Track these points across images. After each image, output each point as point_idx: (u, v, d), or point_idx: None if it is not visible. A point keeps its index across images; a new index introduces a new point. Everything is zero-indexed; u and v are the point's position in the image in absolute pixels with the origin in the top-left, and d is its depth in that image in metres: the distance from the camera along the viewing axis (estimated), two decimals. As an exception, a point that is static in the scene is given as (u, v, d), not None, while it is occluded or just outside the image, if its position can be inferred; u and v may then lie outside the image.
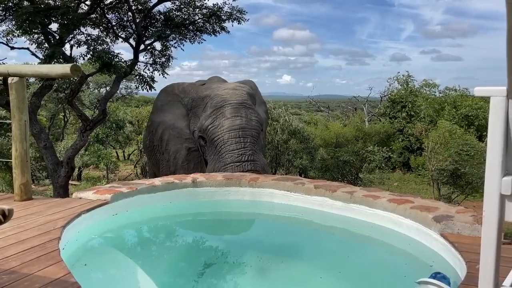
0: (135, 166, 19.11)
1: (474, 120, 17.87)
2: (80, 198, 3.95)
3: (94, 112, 19.53)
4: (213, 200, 4.52)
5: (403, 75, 22.41)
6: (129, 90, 20.93)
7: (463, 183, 10.88)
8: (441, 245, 2.81)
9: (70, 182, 11.70)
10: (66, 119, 21.70)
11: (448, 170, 10.53)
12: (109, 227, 3.75)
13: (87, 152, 17.00)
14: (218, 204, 4.50)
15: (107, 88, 21.72)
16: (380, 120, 22.67)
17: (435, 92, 21.56)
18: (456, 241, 2.69)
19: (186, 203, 4.41)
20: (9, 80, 3.75)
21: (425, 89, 21.75)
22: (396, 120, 20.67)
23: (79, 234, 3.38)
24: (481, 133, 17.30)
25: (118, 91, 15.89)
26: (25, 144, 3.85)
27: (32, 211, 3.57)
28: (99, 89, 21.58)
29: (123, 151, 24.30)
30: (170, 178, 4.60)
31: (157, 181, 4.46)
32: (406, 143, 19.38)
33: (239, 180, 4.62)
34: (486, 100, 19.49)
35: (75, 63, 3.70)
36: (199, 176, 4.72)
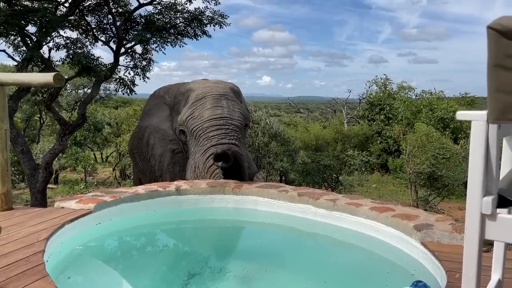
0: (113, 169, 18.84)
1: (449, 122, 18.38)
2: (62, 207, 3.90)
3: (72, 114, 19.19)
4: (197, 208, 4.52)
5: (381, 78, 22.86)
6: (107, 92, 20.63)
7: (439, 185, 11.18)
8: (422, 254, 2.90)
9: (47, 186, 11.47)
10: (42, 121, 21.25)
11: (425, 173, 10.80)
12: (92, 237, 3.72)
13: (64, 155, 16.69)
14: (202, 212, 4.51)
15: (85, 89, 21.39)
16: (358, 122, 23.05)
17: (411, 95, 22.10)
18: (436, 249, 2.78)
19: (170, 211, 4.41)
20: (-11, 88, 3.68)
21: (402, 92, 22.25)
22: (374, 123, 21.07)
23: (62, 245, 3.34)
24: (456, 136, 17.81)
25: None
26: (6, 153, 3.79)
27: (13, 221, 3.51)
28: (76, 90, 21.21)
29: (101, 153, 23.96)
30: (154, 186, 4.59)
31: (141, 189, 4.44)
32: (384, 145, 19.79)
33: (223, 187, 4.64)
34: (460, 103, 20.13)
35: (58, 72, 3.62)
36: (183, 184, 4.72)
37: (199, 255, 3.93)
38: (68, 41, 8.88)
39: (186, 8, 9.55)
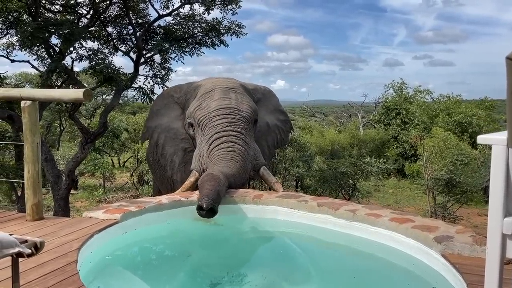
0: (131, 175, 19.10)
1: (467, 127, 18.13)
2: (90, 217, 4.05)
3: (91, 121, 19.58)
4: (217, 217, 4.64)
5: (397, 82, 22.71)
6: (125, 99, 20.98)
7: (458, 191, 11.07)
8: (443, 266, 2.95)
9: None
10: (62, 128, 21.70)
11: (443, 179, 10.71)
12: (120, 246, 3.85)
13: (84, 161, 17.02)
14: (222, 221, 4.62)
15: (103, 96, 21.79)
16: (374, 127, 22.93)
17: (428, 99, 21.88)
18: (457, 262, 2.83)
19: (192, 221, 4.53)
20: (22, 103, 3.86)
21: (419, 96, 22.07)
22: (390, 127, 20.93)
23: (92, 254, 3.48)
24: (475, 140, 17.57)
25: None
26: (37, 165, 3.95)
27: (45, 231, 3.67)
28: (95, 97, 21.63)
29: (118, 159, 24.31)
30: (177, 196, 4.73)
31: (164, 199, 4.58)
32: (401, 150, 19.63)
33: (243, 197, 4.75)
34: (479, 107, 19.86)
35: (87, 88, 3.78)
36: (205, 193, 4.83)
37: (220, 264, 4.02)
38: (90, 52, 9.14)
39: (204, 18, 9.74)
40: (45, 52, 9.40)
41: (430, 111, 19.73)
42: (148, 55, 10.01)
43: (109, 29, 10.10)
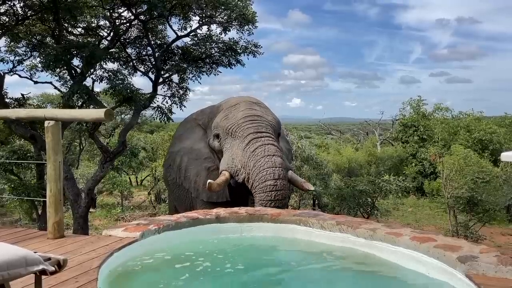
0: (149, 193, 19.24)
1: (488, 144, 17.83)
2: (110, 235, 4.09)
3: (110, 140, 19.90)
4: (236, 236, 4.62)
5: (414, 100, 22.51)
6: (143, 118, 21.32)
7: (480, 210, 10.81)
8: (467, 286, 2.86)
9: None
10: (82, 147, 22.09)
11: (464, 197, 10.49)
12: (139, 264, 3.86)
13: (102, 180, 17.22)
14: (241, 240, 4.60)
15: (122, 115, 22.17)
16: (392, 144, 22.71)
17: (448, 116, 21.59)
18: (482, 282, 2.75)
19: (211, 239, 4.53)
20: (46, 123, 3.96)
21: (438, 113, 21.82)
22: (408, 145, 20.70)
23: (111, 272, 3.50)
24: (496, 158, 17.24)
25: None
26: (59, 184, 4.03)
27: (66, 249, 3.72)
28: (114, 117, 22.05)
29: (136, 177, 24.56)
30: (195, 214, 4.74)
31: (183, 217, 4.59)
32: (420, 167, 19.35)
33: (261, 215, 4.73)
34: (500, 125, 19.51)
35: (107, 107, 3.86)
36: (222, 212, 4.84)
37: (239, 284, 3.99)
38: (110, 73, 9.37)
39: (221, 39, 9.92)
40: (67, 74, 9.68)
41: (450, 128, 19.47)
42: (166, 75, 10.22)
43: (129, 50, 10.39)
